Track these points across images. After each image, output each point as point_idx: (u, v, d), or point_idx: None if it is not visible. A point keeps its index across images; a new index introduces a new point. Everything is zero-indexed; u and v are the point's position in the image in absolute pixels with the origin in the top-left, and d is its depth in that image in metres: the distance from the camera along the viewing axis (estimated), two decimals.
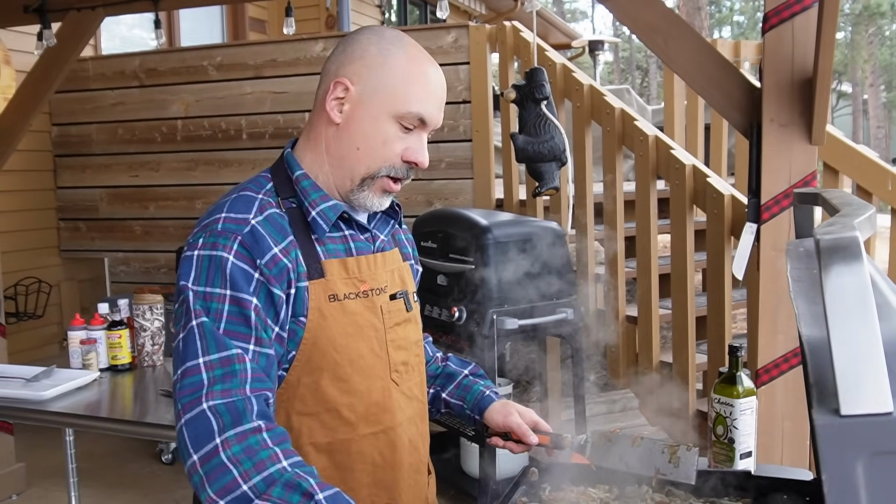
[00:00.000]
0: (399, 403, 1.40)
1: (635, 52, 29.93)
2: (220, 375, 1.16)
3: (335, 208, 1.33)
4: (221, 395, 1.14)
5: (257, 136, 4.77)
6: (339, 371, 1.31)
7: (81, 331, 2.82)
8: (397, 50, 1.31)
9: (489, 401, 1.56)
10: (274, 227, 1.27)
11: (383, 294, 1.39)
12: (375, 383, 1.35)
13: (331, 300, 1.30)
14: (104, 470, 4.18)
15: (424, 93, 1.30)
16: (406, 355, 1.43)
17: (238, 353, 1.18)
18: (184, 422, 1.14)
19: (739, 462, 1.71)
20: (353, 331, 1.32)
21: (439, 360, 1.68)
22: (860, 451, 0.61)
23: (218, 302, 1.20)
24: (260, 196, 1.30)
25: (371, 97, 1.30)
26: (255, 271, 1.22)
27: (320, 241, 1.32)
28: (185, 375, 1.17)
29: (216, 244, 1.22)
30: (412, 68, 1.30)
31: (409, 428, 1.43)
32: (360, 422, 1.34)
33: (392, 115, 1.29)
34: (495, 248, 3.20)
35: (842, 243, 0.66)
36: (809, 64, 2.43)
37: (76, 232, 5.27)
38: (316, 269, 1.29)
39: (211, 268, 1.21)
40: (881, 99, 26.57)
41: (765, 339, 2.57)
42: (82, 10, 3.80)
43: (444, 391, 1.62)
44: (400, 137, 1.31)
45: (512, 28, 4.15)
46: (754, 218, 2.56)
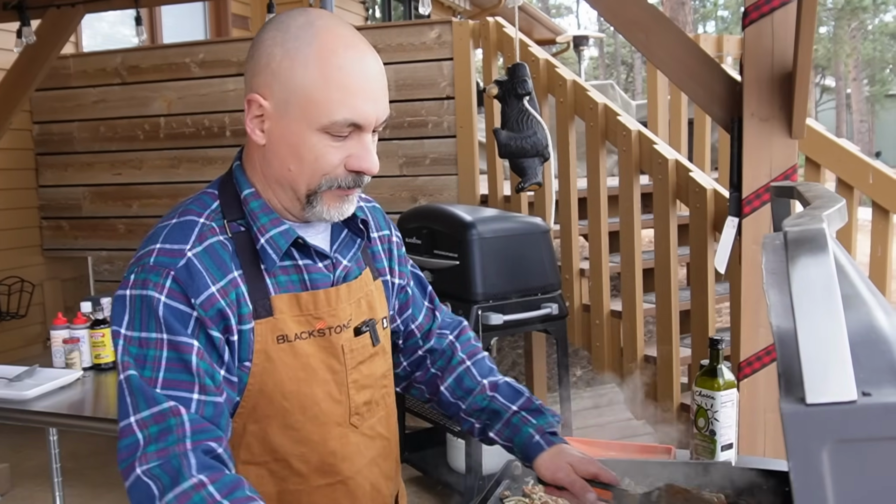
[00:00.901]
0: (359, 448, 1.27)
1: (620, 48, 30.01)
2: (154, 434, 1.04)
3: (287, 234, 1.18)
4: (157, 456, 1.03)
5: (241, 133, 4.75)
6: (290, 419, 1.18)
7: (64, 330, 2.80)
8: (304, 46, 1.10)
9: (537, 450, 1.35)
10: (213, 262, 1.12)
11: (346, 330, 1.24)
12: (332, 431, 1.22)
13: (279, 341, 1.16)
14: (89, 469, 4.16)
15: (346, 93, 1.10)
16: (370, 394, 1.29)
17: (172, 407, 1.05)
18: (127, 488, 1.05)
19: (721, 454, 1.72)
20: (306, 375, 1.18)
21: (487, 388, 1.44)
22: (825, 438, 0.62)
23: (155, 348, 1.08)
24: (202, 221, 1.16)
25: (287, 110, 1.12)
26: (191, 310, 1.09)
27: (272, 272, 1.17)
28: (121, 436, 1.06)
29: (146, 282, 1.09)
30: (324, 66, 1.09)
31: (371, 471, 1.30)
32: (312, 473, 1.22)
33: (314, 126, 1.11)
34: (480, 244, 3.21)
35: (808, 235, 0.67)
36: (789, 58, 2.45)
37: (59, 231, 5.24)
38: (263, 307, 1.15)
39: (143, 310, 1.08)
40: (864, 93, 26.77)
41: (747, 332, 2.59)
42: (62, 7, 3.78)
43: (492, 430, 1.43)
44: (335, 147, 1.12)
45: (495, 24, 4.16)
46: (736, 212, 2.58)
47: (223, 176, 1.25)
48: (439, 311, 1.54)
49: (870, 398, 0.61)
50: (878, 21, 28.23)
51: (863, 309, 0.74)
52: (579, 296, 3.88)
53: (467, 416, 1.46)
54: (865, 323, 0.70)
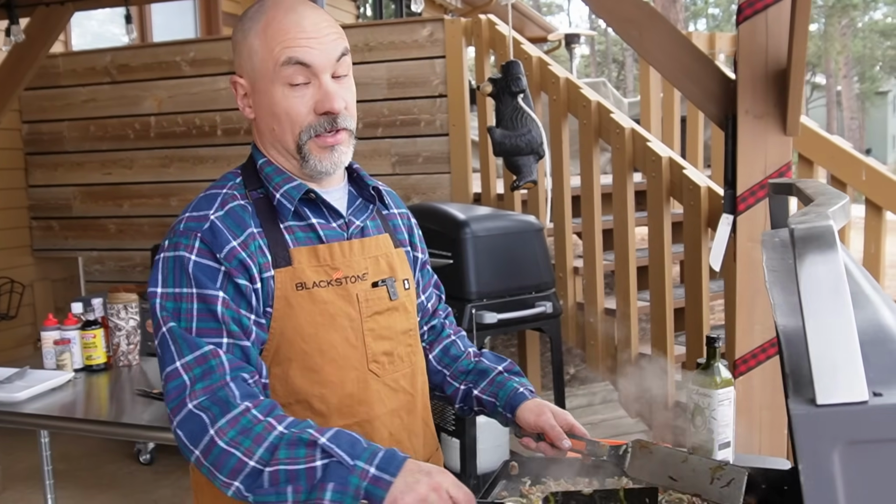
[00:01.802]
0: (379, 395, 1.36)
1: (611, 46, 30.03)
2: (199, 374, 1.18)
3: (299, 188, 1.32)
4: (204, 392, 1.17)
5: (232, 132, 4.73)
6: (309, 361, 1.29)
7: (55, 331, 2.77)
8: (255, 23, 1.29)
9: (521, 398, 1.46)
10: (234, 221, 1.26)
11: (361, 282, 1.34)
12: (349, 374, 1.32)
13: (298, 288, 1.27)
14: (81, 471, 4.13)
15: (285, 38, 1.25)
16: (390, 345, 1.38)
17: (211, 349, 1.19)
18: (176, 424, 1.18)
19: (718, 452, 1.72)
20: (324, 320, 1.29)
21: (472, 355, 1.59)
22: (836, 440, 0.61)
23: (187, 301, 1.22)
24: (224, 191, 1.31)
25: (255, 79, 1.29)
26: (218, 265, 1.23)
27: (290, 229, 1.30)
28: (168, 380, 1.20)
29: (178, 244, 1.24)
30: (268, 31, 1.26)
31: (391, 420, 1.38)
32: (332, 414, 1.31)
33: (275, 80, 1.26)
34: (473, 242, 3.20)
35: (816, 232, 0.66)
36: (783, 55, 2.45)
37: (49, 231, 5.20)
38: (283, 258, 1.28)
39: (175, 269, 1.23)
40: (854, 90, 26.89)
41: (742, 330, 2.58)
42: (51, 5, 3.75)
43: (477, 388, 1.53)
44: (298, 96, 1.27)
45: (487, 21, 4.14)
46: (730, 209, 2.57)
47: (246, 160, 1.40)
48: (442, 295, 1.67)
49: (881, 398, 0.60)
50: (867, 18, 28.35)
51: (869, 307, 0.73)
52: (573, 294, 3.87)
53: (452, 379, 1.56)
54: (873, 321, 0.69)
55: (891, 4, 29.00)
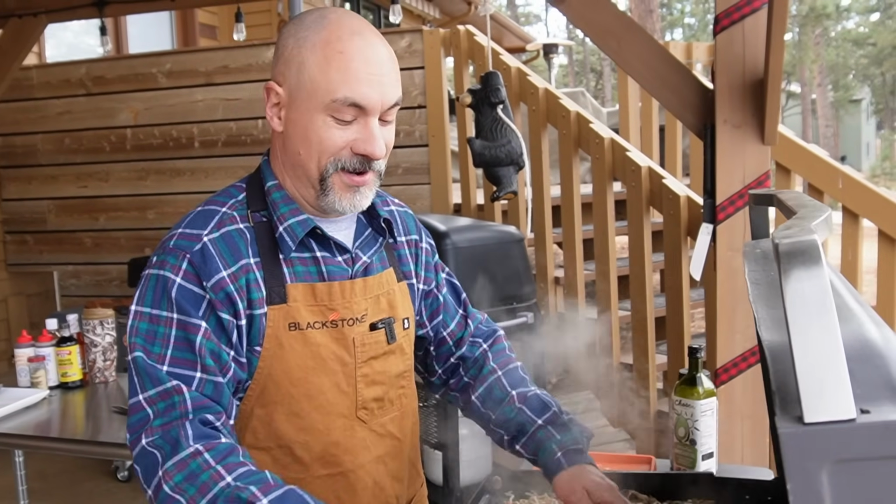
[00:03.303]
0: (365, 443, 1.29)
1: (589, 55, 30.25)
2: (161, 409, 1.11)
3: (305, 223, 1.22)
4: (160, 429, 1.10)
5: (210, 144, 4.69)
6: (295, 406, 1.21)
7: (29, 348, 2.73)
8: (313, 34, 1.18)
9: (557, 468, 1.31)
10: (227, 247, 1.18)
11: (360, 324, 1.26)
12: (336, 422, 1.25)
13: (291, 329, 1.20)
14: (57, 489, 4.06)
15: (347, 75, 1.15)
16: (381, 391, 1.30)
17: (174, 386, 1.12)
18: (134, 458, 1.12)
19: (701, 463, 1.71)
20: (315, 364, 1.21)
21: (516, 399, 1.41)
22: (824, 458, 0.60)
23: (165, 326, 1.14)
24: (223, 210, 1.22)
25: (297, 95, 1.18)
26: (203, 293, 1.15)
27: (289, 261, 1.22)
28: (132, 412, 1.14)
29: (164, 262, 1.16)
30: (328, 51, 1.16)
31: (376, 468, 1.31)
32: (314, 462, 1.24)
33: (319, 108, 1.16)
34: (454, 253, 3.18)
35: (801, 247, 0.65)
36: (760, 65, 2.46)
37: (23, 245, 5.12)
38: (278, 294, 1.19)
39: (157, 289, 1.15)
40: (829, 98, 27.27)
41: (723, 339, 2.59)
42: (24, 17, 3.71)
43: (518, 443, 1.40)
44: (339, 130, 1.17)
45: (466, 32, 4.14)
46: (710, 218, 2.58)
47: (253, 172, 1.31)
48: (472, 319, 1.54)
49: (869, 416, 0.60)
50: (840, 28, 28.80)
51: (854, 322, 0.72)
52: (554, 304, 3.87)
53: (496, 427, 1.43)
54: (859, 337, 0.69)
55: (863, 14, 29.48)
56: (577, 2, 2.70)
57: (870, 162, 29.34)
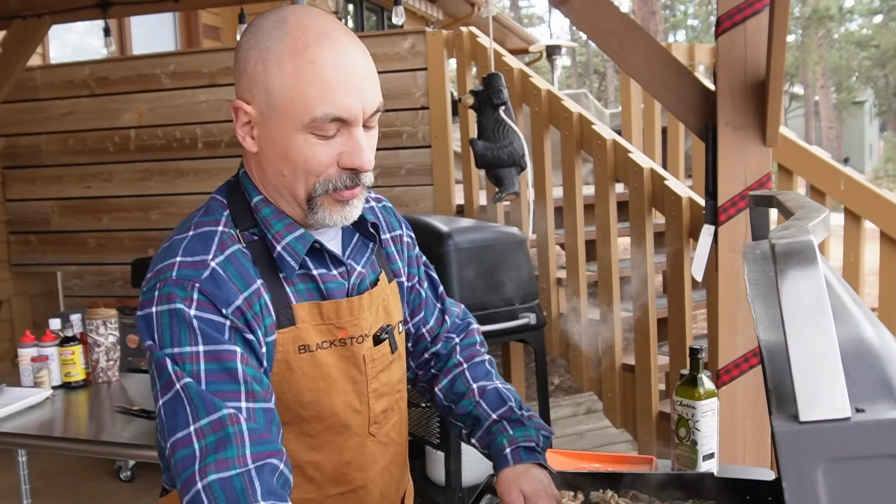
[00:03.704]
0: (374, 457, 1.26)
1: (592, 57, 30.25)
2: (212, 443, 0.99)
3: (304, 239, 1.14)
4: (216, 469, 0.97)
5: (213, 145, 4.70)
6: (306, 427, 1.17)
7: (32, 347, 2.74)
8: (276, 44, 1.06)
9: (503, 463, 1.30)
10: (237, 271, 1.09)
11: (367, 340, 1.21)
12: (349, 441, 1.21)
13: (301, 351, 1.14)
14: (60, 489, 4.07)
15: (322, 88, 1.05)
16: (387, 401, 1.28)
17: (231, 414, 1.00)
18: (185, 503, 1.00)
19: (703, 464, 1.71)
20: (325, 385, 1.16)
21: (476, 393, 1.40)
22: (819, 457, 0.60)
23: (191, 362, 1.02)
24: (220, 229, 1.12)
25: (269, 114, 1.08)
26: (224, 319, 1.06)
27: (289, 280, 1.14)
28: (177, 449, 1.00)
29: (172, 296, 1.05)
30: (296, 62, 1.05)
31: (383, 478, 1.29)
32: (326, 482, 1.21)
33: (297, 128, 1.06)
34: (457, 254, 3.19)
35: (797, 247, 0.66)
36: (762, 66, 2.47)
37: (27, 245, 5.14)
38: (286, 316, 1.12)
39: (173, 324, 1.04)
40: (831, 100, 27.24)
41: (724, 340, 2.59)
42: (28, 18, 3.72)
43: (474, 436, 1.39)
44: (323, 146, 1.08)
45: (469, 33, 4.15)
46: (712, 220, 2.59)
47: (229, 183, 1.20)
48: (449, 314, 1.49)
49: (864, 415, 0.60)
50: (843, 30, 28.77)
51: (850, 322, 0.73)
52: (556, 305, 3.87)
53: (455, 419, 1.43)
54: (854, 336, 0.69)
55: (866, 16, 29.45)
56: (580, 3, 2.71)
57: (873, 164, 29.31)
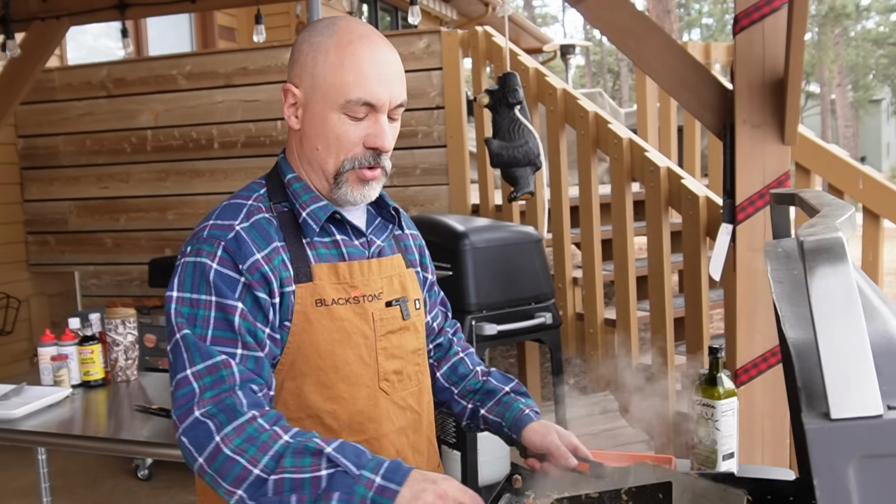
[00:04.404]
0: (388, 413, 1.37)
1: (606, 56, 30.15)
2: (209, 383, 1.19)
3: (325, 209, 1.33)
4: (212, 400, 1.18)
5: (229, 145, 4.72)
6: (323, 377, 1.30)
7: (52, 346, 2.75)
8: (325, 39, 1.29)
9: (528, 420, 1.46)
10: (259, 234, 1.28)
11: (377, 301, 1.36)
12: (361, 391, 1.33)
13: (318, 305, 1.29)
14: (78, 487, 4.10)
15: (359, 76, 1.27)
16: (400, 364, 1.40)
17: (223, 360, 1.20)
18: (181, 431, 1.18)
19: (722, 463, 1.71)
20: (340, 337, 1.31)
21: (480, 374, 1.58)
22: (851, 454, 0.60)
23: (204, 308, 1.23)
24: (249, 202, 1.32)
25: (313, 96, 1.30)
26: (239, 276, 1.24)
27: (311, 244, 1.32)
28: (178, 387, 1.21)
29: (200, 251, 1.25)
30: (340, 54, 1.27)
31: (398, 438, 1.39)
32: (342, 430, 1.31)
33: (334, 107, 1.28)
34: (473, 254, 3.19)
35: (825, 244, 0.65)
36: (780, 65, 2.45)
37: (45, 246, 5.18)
38: (304, 273, 1.29)
39: (195, 274, 1.24)
40: (848, 98, 27.01)
41: (743, 339, 2.58)
42: (47, 20, 3.75)
43: (483, 407, 1.53)
44: (353, 126, 1.29)
45: (484, 33, 4.15)
46: (730, 219, 2.57)
47: (270, 170, 1.41)
48: (449, 312, 1.67)
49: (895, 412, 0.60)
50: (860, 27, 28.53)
51: (879, 319, 0.72)
52: (572, 304, 3.86)
53: (460, 398, 1.57)
54: (884, 334, 0.69)
55: (883, 13, 29.19)
56: (596, 2, 2.70)
57: (890, 162, 29.05)
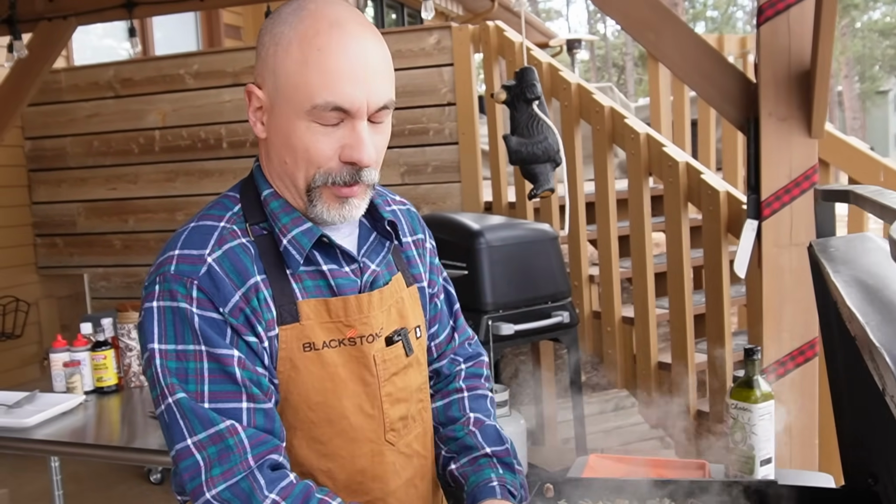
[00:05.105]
0: (394, 467, 1.20)
1: (611, 51, 30.03)
2: (215, 455, 1.03)
3: (310, 233, 1.13)
4: (223, 478, 1.03)
5: (238, 145, 4.67)
6: (316, 432, 1.13)
7: (64, 352, 2.71)
8: (288, 30, 1.06)
9: (489, 494, 1.22)
10: (233, 266, 1.08)
11: (377, 340, 1.17)
12: (362, 447, 1.16)
13: (305, 349, 1.11)
14: (91, 492, 4.06)
15: (326, 77, 1.04)
16: (405, 408, 1.22)
17: (228, 426, 1.04)
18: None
19: (760, 469, 1.65)
20: (333, 386, 1.13)
21: (471, 422, 1.33)
22: None
23: (195, 360, 1.05)
24: (221, 224, 1.12)
25: (276, 99, 1.08)
26: (224, 319, 1.06)
27: (297, 276, 1.12)
28: (180, 459, 1.05)
29: (174, 293, 1.06)
30: (304, 48, 1.05)
31: (407, 493, 1.23)
32: (339, 492, 1.14)
33: (300, 113, 1.06)
34: (488, 252, 3.13)
35: None
36: (807, 55, 2.38)
37: (53, 248, 5.14)
38: (289, 312, 1.10)
39: (176, 322, 1.05)
40: (855, 90, 26.86)
41: (769, 338, 2.51)
42: (54, 20, 3.70)
43: (455, 462, 1.31)
44: (324, 136, 1.07)
45: (496, 27, 4.09)
46: (755, 214, 2.50)
47: (245, 178, 1.20)
48: (460, 333, 1.44)
49: None
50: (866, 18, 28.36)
51: None
52: (589, 303, 3.80)
53: (439, 441, 1.35)
54: None
55: (889, 4, 29.01)
56: None
57: None
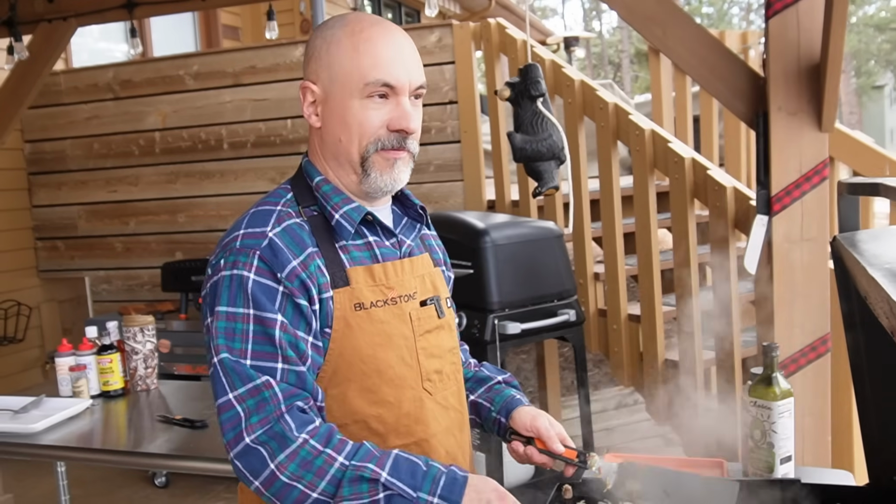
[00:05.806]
0: (434, 414, 1.36)
1: (607, 48, 30.02)
2: (253, 406, 1.18)
3: (359, 210, 1.32)
4: (260, 425, 1.17)
5: (239, 146, 4.65)
6: (367, 382, 1.28)
7: (70, 357, 2.69)
8: (338, 31, 1.29)
9: (517, 403, 1.47)
10: (292, 239, 1.25)
11: (413, 300, 1.35)
12: (406, 393, 1.32)
13: (357, 309, 1.27)
14: (95, 496, 4.04)
15: (375, 58, 1.26)
16: (440, 363, 1.38)
17: (264, 381, 1.19)
18: (234, 455, 1.18)
19: (780, 467, 1.63)
20: (381, 340, 1.29)
21: (472, 365, 1.61)
22: None
23: (242, 322, 1.20)
24: (278, 208, 1.29)
25: (332, 88, 1.29)
26: (278, 285, 1.22)
27: (345, 248, 1.30)
28: (222, 411, 1.20)
29: (236, 262, 1.22)
30: (354, 40, 1.27)
31: (446, 439, 1.38)
32: (389, 434, 1.30)
33: (354, 94, 1.27)
34: (494, 251, 3.11)
35: None
36: (816, 49, 2.37)
37: (54, 251, 5.11)
38: (341, 278, 1.27)
39: (233, 287, 1.21)
40: (851, 85, 26.87)
41: (781, 334, 2.50)
42: (54, 21, 3.67)
43: (474, 393, 1.54)
44: (375, 110, 1.27)
45: (497, 25, 4.07)
46: (765, 210, 2.49)
47: (294, 173, 1.39)
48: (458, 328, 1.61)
49: None
50: (861, 13, 28.38)
51: None
52: (594, 300, 3.78)
53: None
54: None
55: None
56: None
57: (894, 148, 28.92)
